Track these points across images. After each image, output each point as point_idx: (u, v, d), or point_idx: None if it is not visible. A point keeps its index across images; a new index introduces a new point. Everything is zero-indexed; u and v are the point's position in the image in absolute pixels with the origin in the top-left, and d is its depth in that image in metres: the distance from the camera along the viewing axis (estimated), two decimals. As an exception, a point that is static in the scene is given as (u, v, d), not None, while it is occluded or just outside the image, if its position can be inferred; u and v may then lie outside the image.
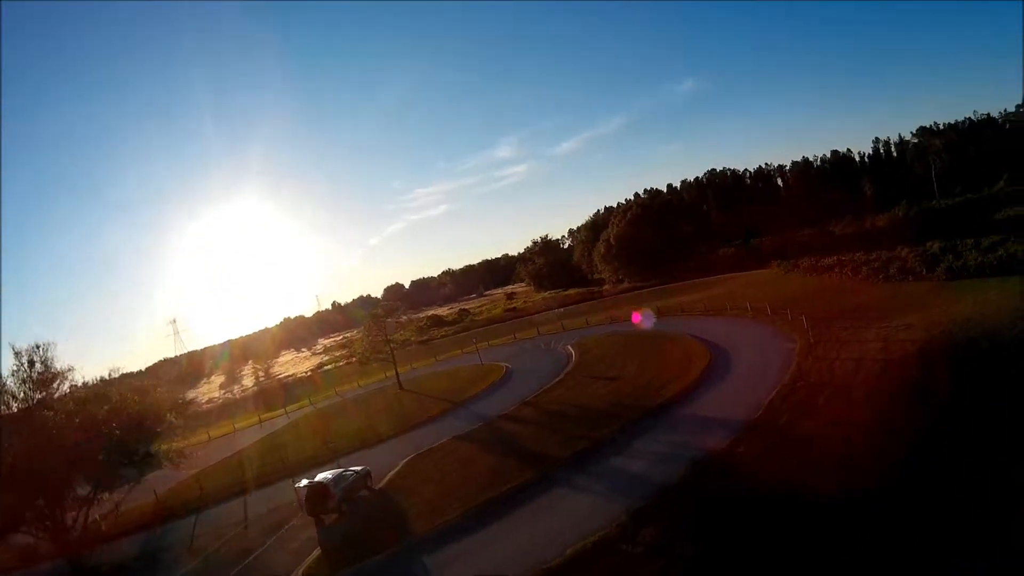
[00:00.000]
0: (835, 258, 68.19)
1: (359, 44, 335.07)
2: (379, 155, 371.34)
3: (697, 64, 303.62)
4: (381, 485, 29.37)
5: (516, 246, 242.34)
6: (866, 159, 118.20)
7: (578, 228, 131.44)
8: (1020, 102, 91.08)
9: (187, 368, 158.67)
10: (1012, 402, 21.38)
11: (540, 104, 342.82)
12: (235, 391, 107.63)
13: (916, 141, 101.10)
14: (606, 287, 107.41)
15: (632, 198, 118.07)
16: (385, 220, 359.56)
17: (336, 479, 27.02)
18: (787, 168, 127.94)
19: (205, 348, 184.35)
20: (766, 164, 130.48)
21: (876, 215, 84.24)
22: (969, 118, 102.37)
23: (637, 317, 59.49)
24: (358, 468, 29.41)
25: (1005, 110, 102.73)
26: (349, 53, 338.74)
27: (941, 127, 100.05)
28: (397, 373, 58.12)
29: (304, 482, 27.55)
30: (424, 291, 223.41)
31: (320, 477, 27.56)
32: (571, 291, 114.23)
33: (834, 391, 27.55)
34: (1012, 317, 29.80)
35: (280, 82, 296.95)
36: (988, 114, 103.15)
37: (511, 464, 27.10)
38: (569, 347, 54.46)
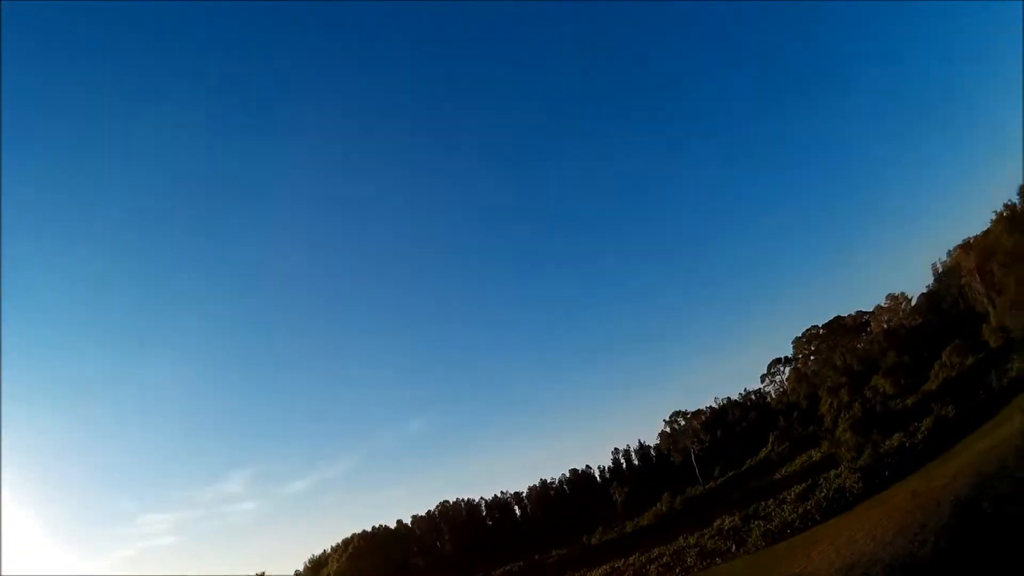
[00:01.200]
0: (605, 567, 60.10)
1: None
2: (109, 470, 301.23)
3: (424, 406, 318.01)
4: None
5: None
6: (607, 473, 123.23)
7: (303, 568, 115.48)
8: (764, 373, 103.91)
9: None
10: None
11: (271, 441, 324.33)
12: None
13: (670, 429, 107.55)
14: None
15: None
16: (114, 544, 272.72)
17: None
18: (523, 494, 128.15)
19: None
20: (502, 492, 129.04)
21: (635, 517, 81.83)
22: (711, 406, 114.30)
23: None
24: None
25: (746, 389, 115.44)
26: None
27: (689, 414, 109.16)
28: None
29: None
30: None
31: None
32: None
33: None
34: (899, 540, 23.48)
35: None
36: (728, 397, 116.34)
37: None
38: None
